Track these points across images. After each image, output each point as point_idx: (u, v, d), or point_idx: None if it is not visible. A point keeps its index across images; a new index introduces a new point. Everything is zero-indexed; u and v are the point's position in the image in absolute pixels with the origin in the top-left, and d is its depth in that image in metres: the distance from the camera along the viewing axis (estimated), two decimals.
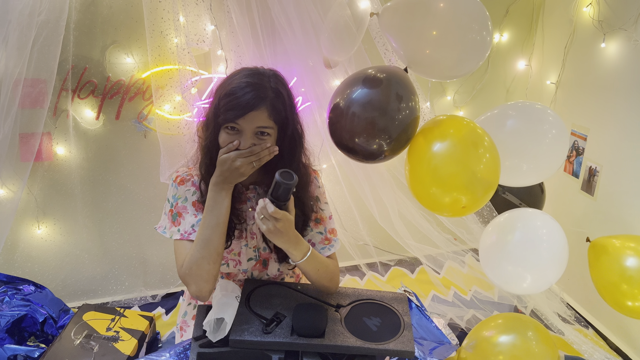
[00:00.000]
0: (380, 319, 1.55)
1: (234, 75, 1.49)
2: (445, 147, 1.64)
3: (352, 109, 1.62)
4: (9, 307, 1.93)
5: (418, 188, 1.72)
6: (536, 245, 1.80)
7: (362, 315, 1.55)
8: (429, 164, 1.65)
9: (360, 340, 1.45)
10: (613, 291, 1.81)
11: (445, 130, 1.67)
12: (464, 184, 1.62)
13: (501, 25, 2.78)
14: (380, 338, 1.46)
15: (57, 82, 2.18)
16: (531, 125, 1.82)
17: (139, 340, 1.96)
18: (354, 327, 1.50)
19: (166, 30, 2.12)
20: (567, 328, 2.23)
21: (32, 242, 2.38)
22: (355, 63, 2.20)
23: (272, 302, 1.56)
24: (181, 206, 1.61)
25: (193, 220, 1.58)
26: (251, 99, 1.40)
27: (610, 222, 2.33)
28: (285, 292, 1.63)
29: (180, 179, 1.62)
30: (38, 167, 2.29)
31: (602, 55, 2.34)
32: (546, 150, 1.81)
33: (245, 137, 1.43)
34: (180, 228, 1.59)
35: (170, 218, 1.61)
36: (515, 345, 1.81)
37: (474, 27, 1.67)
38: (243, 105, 1.40)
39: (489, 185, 1.66)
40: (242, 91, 1.41)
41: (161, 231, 1.63)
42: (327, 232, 1.69)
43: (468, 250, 2.63)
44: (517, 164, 1.80)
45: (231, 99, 1.41)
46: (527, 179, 1.88)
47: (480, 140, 1.65)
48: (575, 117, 2.54)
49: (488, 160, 1.64)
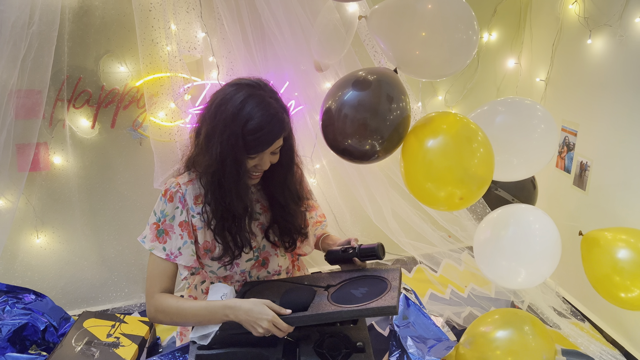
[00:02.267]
0: (367, 288, 1.56)
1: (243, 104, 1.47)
2: (439, 143, 1.67)
3: (344, 111, 1.65)
4: (9, 316, 1.94)
5: (414, 184, 1.75)
6: (529, 240, 1.83)
7: (350, 289, 1.57)
8: (424, 160, 1.68)
9: (342, 305, 1.47)
10: (606, 283, 1.84)
11: (438, 126, 1.70)
12: (459, 177, 1.65)
13: (489, 24, 2.81)
14: (364, 301, 1.48)
15: (52, 93, 2.21)
16: (521, 120, 1.86)
17: (139, 345, 1.97)
18: (339, 298, 1.53)
19: (157, 39, 2.15)
20: (563, 322, 2.25)
21: (31, 251, 2.39)
22: (346, 65, 2.23)
23: (265, 293, 1.58)
24: (168, 224, 1.60)
25: (179, 242, 1.60)
26: (278, 132, 1.50)
27: (602, 215, 2.36)
28: (279, 285, 1.65)
29: (169, 194, 1.59)
30: (36, 176, 2.30)
31: (589, 52, 2.37)
32: (536, 144, 1.85)
33: (265, 160, 1.54)
34: (166, 247, 1.59)
35: (155, 232, 1.60)
36: (512, 340, 1.83)
37: (460, 27, 1.71)
38: (272, 138, 1.50)
39: (483, 178, 1.68)
40: (270, 125, 1.48)
41: (140, 240, 1.63)
42: (317, 216, 1.83)
43: (464, 248, 2.66)
44: (508, 159, 1.84)
45: (261, 134, 1.47)
46: (518, 173, 1.91)
47: (474, 134, 1.68)
48: (565, 113, 2.57)
49: (482, 155, 1.67)
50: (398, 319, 1.92)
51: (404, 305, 1.97)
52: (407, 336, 1.85)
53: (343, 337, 1.63)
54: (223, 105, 1.49)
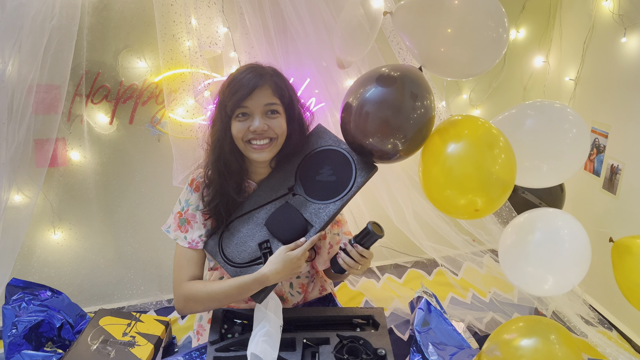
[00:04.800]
0: (328, 165, 1.61)
1: (237, 73, 1.54)
2: (460, 148, 1.60)
3: (366, 108, 1.60)
4: (26, 313, 1.94)
5: (432, 189, 1.70)
6: (558, 245, 1.76)
7: (315, 177, 1.60)
8: (444, 165, 1.62)
9: (331, 200, 1.56)
10: (638, 292, 1.76)
11: (461, 131, 1.64)
12: (479, 185, 1.59)
13: (517, 21, 2.73)
14: (342, 184, 1.58)
15: (70, 88, 2.19)
16: (551, 125, 1.77)
17: (155, 345, 1.95)
18: (315, 192, 1.59)
19: (178, 34, 2.12)
20: (590, 330, 2.17)
21: (48, 248, 2.39)
22: (369, 63, 2.18)
23: (243, 231, 1.61)
24: (191, 214, 1.62)
25: (202, 230, 1.60)
26: (253, 77, 1.48)
27: (633, 221, 2.28)
28: (252, 217, 1.64)
29: (196, 184, 1.64)
30: (53, 172, 2.29)
31: (623, 50, 2.29)
32: (567, 150, 1.77)
33: (257, 119, 1.49)
34: (188, 236, 1.60)
35: (178, 221, 1.62)
36: (537, 349, 1.76)
37: (490, 24, 1.64)
38: (247, 85, 1.46)
39: (504, 186, 1.62)
40: (243, 74, 1.49)
41: (165, 229, 1.65)
42: (342, 235, 1.69)
43: (486, 251, 2.59)
44: (537, 165, 1.76)
45: (234, 84, 1.48)
46: (548, 180, 1.83)
47: (496, 140, 1.62)
48: (596, 114, 2.48)
49: (503, 161, 1.60)
50: (419, 324, 1.87)
51: (426, 311, 1.91)
52: (429, 342, 1.80)
53: (364, 342, 1.60)
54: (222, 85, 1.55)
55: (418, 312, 1.91)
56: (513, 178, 1.64)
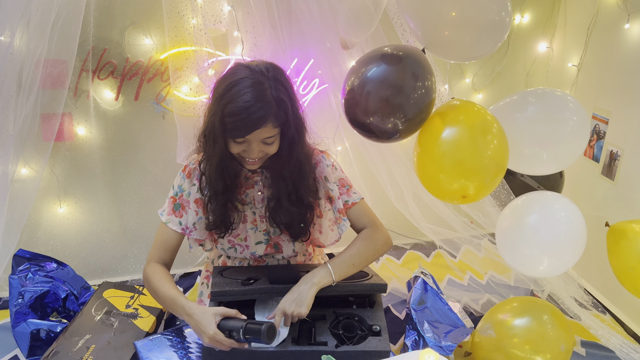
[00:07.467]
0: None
1: (234, 85, 1.43)
2: (455, 134, 1.63)
3: (367, 87, 1.62)
4: (32, 283, 1.98)
5: (425, 172, 1.72)
6: (554, 228, 1.78)
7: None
8: (438, 150, 1.64)
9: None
10: (632, 276, 1.79)
11: (456, 116, 1.65)
12: (471, 171, 1.62)
13: (522, 6, 2.72)
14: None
15: (77, 63, 2.21)
16: (551, 112, 1.78)
17: (157, 317, 2.00)
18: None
19: (183, 11, 2.12)
20: (584, 313, 2.21)
21: (54, 221, 2.43)
22: (373, 44, 2.18)
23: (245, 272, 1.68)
24: (185, 199, 1.65)
25: (195, 218, 1.63)
26: (257, 119, 1.39)
27: (630, 206, 2.30)
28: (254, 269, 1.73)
29: (188, 170, 1.65)
30: (60, 147, 2.32)
31: (626, 37, 2.29)
32: (567, 138, 1.78)
33: (253, 148, 1.47)
34: (182, 221, 1.64)
35: (172, 206, 1.66)
36: (530, 329, 1.80)
37: (493, 8, 1.65)
38: (250, 126, 1.40)
39: (496, 171, 1.64)
40: (247, 112, 1.39)
41: (160, 212, 1.68)
42: (336, 212, 1.69)
43: (485, 234, 2.62)
44: (537, 152, 1.77)
45: (237, 119, 1.39)
46: (547, 168, 1.84)
47: (489, 127, 1.63)
48: (597, 100, 2.49)
49: (496, 147, 1.62)
50: (415, 302, 1.90)
51: (422, 290, 1.95)
52: (424, 320, 1.84)
53: (359, 319, 1.63)
54: (221, 82, 1.47)
55: (414, 291, 1.95)
56: (505, 164, 1.66)
